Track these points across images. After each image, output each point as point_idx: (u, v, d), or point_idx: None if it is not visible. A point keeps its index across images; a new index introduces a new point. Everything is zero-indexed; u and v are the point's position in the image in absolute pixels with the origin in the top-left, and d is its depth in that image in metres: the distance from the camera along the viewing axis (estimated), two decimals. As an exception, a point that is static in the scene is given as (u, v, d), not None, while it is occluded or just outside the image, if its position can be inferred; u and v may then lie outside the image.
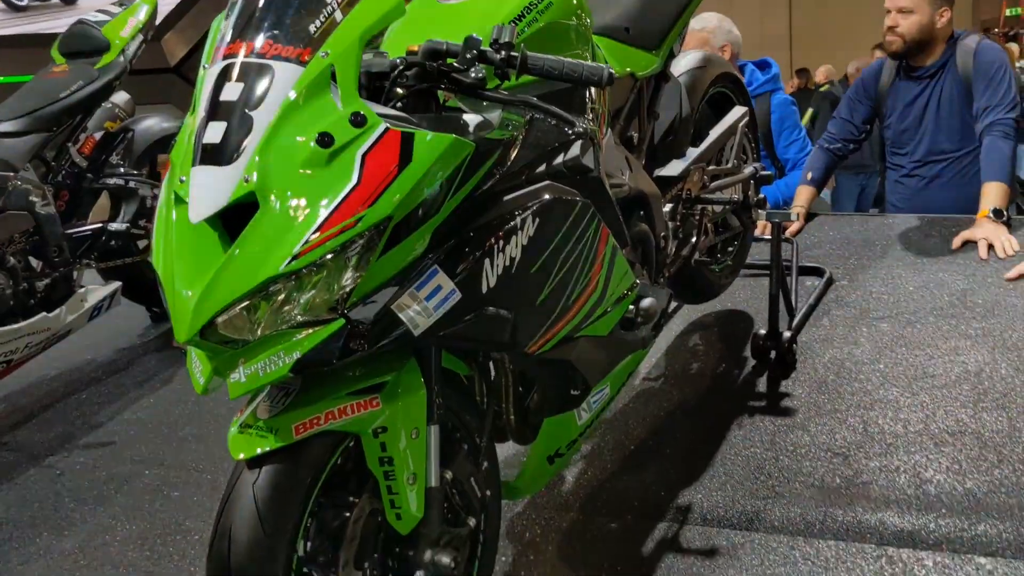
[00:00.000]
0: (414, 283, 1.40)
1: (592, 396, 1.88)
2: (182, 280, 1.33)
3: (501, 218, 1.50)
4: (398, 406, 1.47)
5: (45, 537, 2.45)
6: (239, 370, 1.35)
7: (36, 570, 2.29)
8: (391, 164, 1.32)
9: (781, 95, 3.78)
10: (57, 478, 2.75)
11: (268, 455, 1.40)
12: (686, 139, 2.45)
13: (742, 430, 2.40)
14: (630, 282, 1.83)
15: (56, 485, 2.72)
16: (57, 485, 2.72)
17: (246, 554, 1.36)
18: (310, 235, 1.28)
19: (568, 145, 1.66)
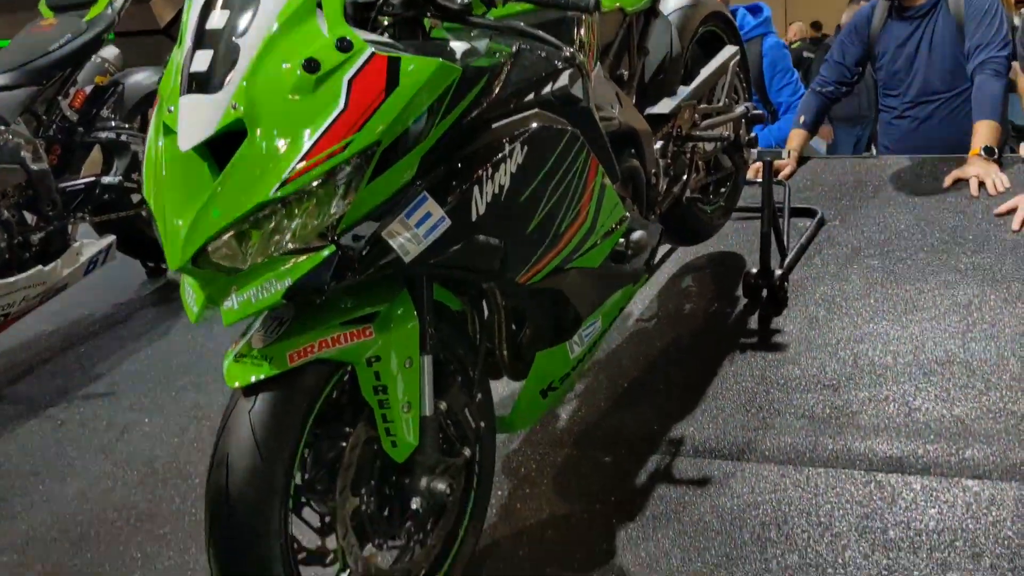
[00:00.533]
0: (404, 210, 1.40)
1: (584, 329, 1.90)
2: (173, 209, 1.35)
3: (490, 145, 1.50)
4: (391, 336, 1.48)
5: (48, 484, 2.48)
6: (232, 297, 1.36)
7: (40, 515, 2.33)
8: (378, 89, 1.32)
9: (773, 39, 3.77)
10: (58, 428, 2.78)
11: (263, 383, 1.41)
12: (676, 77, 2.44)
13: (734, 365, 2.42)
14: (620, 215, 1.84)
15: (57, 435, 2.75)
16: (58, 435, 2.75)
17: (244, 481, 1.38)
18: (298, 161, 1.29)
19: (557, 75, 1.67)
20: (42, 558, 2.14)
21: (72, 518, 2.29)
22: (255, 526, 1.38)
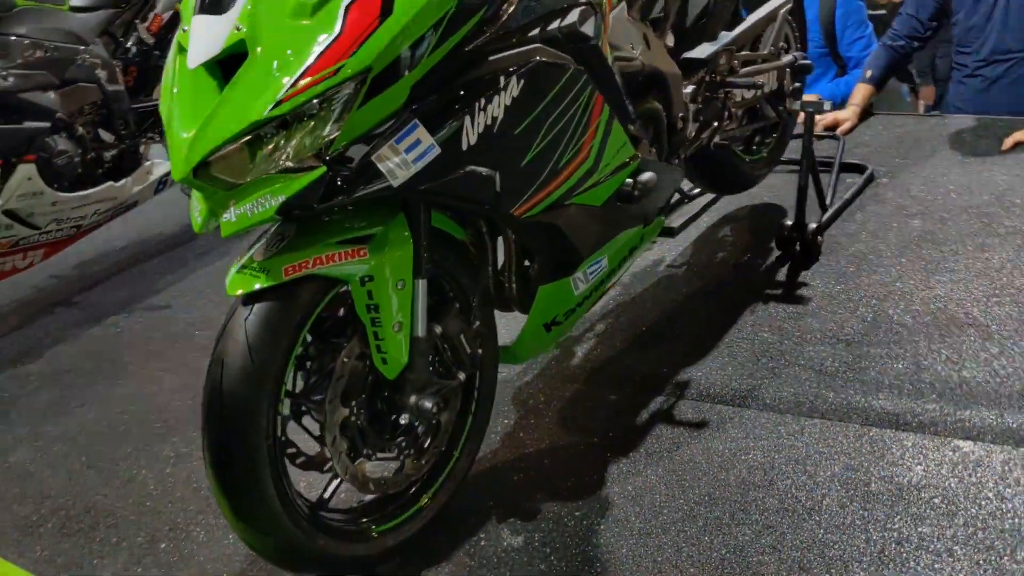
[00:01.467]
0: (394, 136, 1.46)
1: (588, 267, 1.95)
2: (180, 122, 1.44)
3: (485, 77, 1.55)
4: (384, 256, 1.56)
5: (102, 384, 2.67)
6: (230, 210, 1.46)
7: (91, 412, 2.52)
8: (372, 16, 1.39)
9: None
10: (117, 335, 2.98)
11: (260, 294, 1.51)
12: (720, 23, 2.43)
13: (754, 315, 2.44)
14: (628, 154, 1.87)
15: (116, 341, 2.94)
16: (117, 341, 2.94)
17: (235, 380, 1.49)
18: (292, 83, 1.37)
19: (567, 12, 1.70)
20: (86, 451, 2.33)
21: (118, 417, 2.47)
22: (243, 422, 1.50)
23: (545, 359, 2.41)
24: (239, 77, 1.40)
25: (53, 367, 2.89)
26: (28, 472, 2.30)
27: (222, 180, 1.44)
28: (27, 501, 2.16)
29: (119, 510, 2.07)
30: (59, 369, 2.87)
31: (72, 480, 2.22)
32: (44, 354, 2.99)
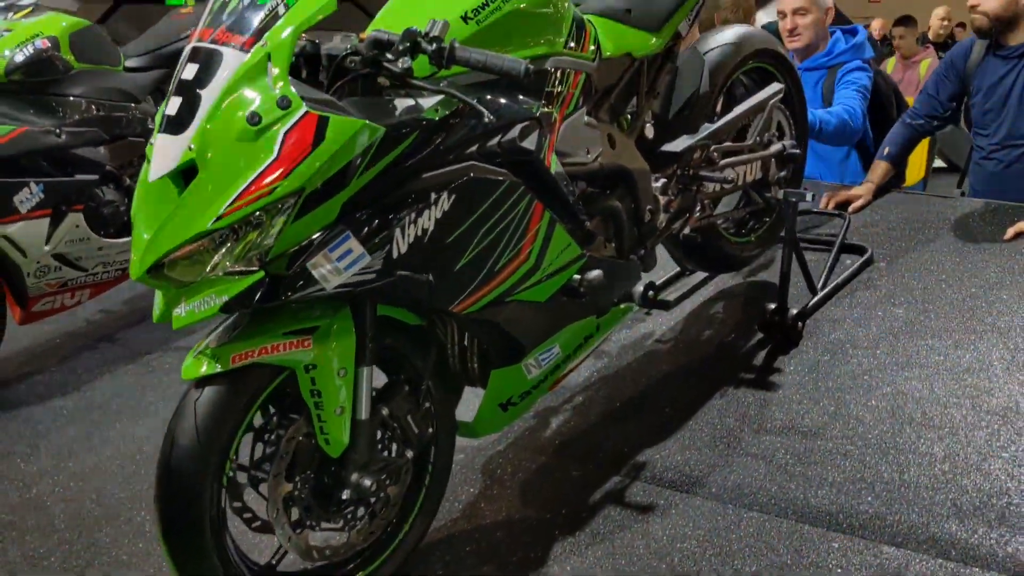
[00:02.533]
0: (327, 245, 1.64)
1: (539, 354, 2.08)
2: (141, 226, 1.63)
3: (416, 193, 1.72)
4: (327, 347, 1.74)
5: (124, 422, 2.90)
6: (181, 306, 1.64)
7: (109, 450, 2.74)
8: (306, 142, 1.57)
9: (856, 63, 3.67)
10: (148, 374, 3.21)
11: (211, 378, 1.69)
12: (702, 115, 2.54)
13: (724, 399, 2.53)
14: (574, 254, 2.01)
15: (145, 380, 3.18)
16: (146, 379, 3.18)
17: (182, 458, 1.67)
18: (233, 200, 1.56)
19: (509, 127, 1.85)
20: (98, 489, 2.54)
21: (132, 457, 2.68)
22: (188, 496, 1.67)
23: (521, 428, 2.54)
24: (190, 191, 1.59)
25: (85, 403, 3.13)
26: (44, 505, 2.52)
27: (174, 279, 1.63)
28: (38, 533, 2.38)
29: (114, 549, 2.27)
30: (90, 404, 3.11)
31: (80, 517, 2.43)
32: (80, 388, 3.25)
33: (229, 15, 1.65)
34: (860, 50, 3.70)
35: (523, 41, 1.96)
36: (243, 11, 1.65)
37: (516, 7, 1.93)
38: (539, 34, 1.99)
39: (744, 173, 2.64)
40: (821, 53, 3.73)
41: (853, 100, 3.53)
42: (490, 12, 1.90)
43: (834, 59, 3.72)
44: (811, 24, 3.69)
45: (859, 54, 3.69)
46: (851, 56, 3.68)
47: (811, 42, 3.72)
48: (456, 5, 1.90)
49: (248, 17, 1.64)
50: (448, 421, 2.08)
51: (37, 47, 3.24)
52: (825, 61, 3.73)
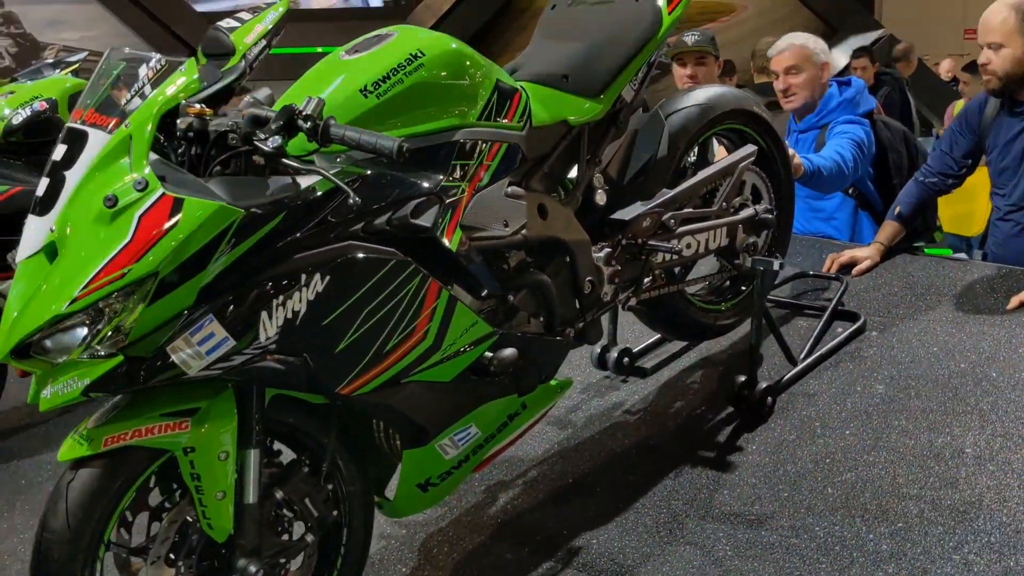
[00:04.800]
0: (188, 329, 1.61)
1: (454, 434, 2.01)
2: (12, 305, 1.62)
3: (285, 275, 1.68)
4: (206, 430, 1.70)
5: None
6: (48, 387, 1.63)
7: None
8: (160, 225, 1.55)
9: (849, 117, 3.48)
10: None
11: (86, 460, 1.67)
12: (659, 181, 2.44)
13: (676, 479, 2.40)
14: (482, 332, 1.93)
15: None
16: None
17: (52, 541, 1.65)
18: (86, 283, 1.54)
19: (402, 204, 1.80)
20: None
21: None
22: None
23: (469, 501, 2.46)
24: (50, 273, 1.57)
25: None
26: (3, 565, 2.55)
27: (41, 361, 1.61)
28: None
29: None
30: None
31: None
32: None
33: (99, 96, 1.66)
34: (853, 104, 3.51)
35: (428, 113, 1.91)
36: (112, 92, 1.65)
37: (419, 80, 1.89)
38: (448, 106, 1.94)
39: (706, 240, 2.52)
40: (812, 113, 3.56)
41: (843, 148, 3.34)
42: (391, 85, 1.86)
43: (824, 117, 3.54)
44: (805, 83, 3.52)
45: (852, 109, 3.50)
46: (843, 112, 3.49)
47: (807, 101, 3.55)
48: (359, 77, 1.87)
49: (115, 98, 1.64)
50: (362, 501, 2.01)
51: (35, 109, 3.34)
52: (816, 121, 3.56)
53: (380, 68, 1.88)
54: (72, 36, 11.93)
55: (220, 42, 2.46)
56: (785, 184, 2.83)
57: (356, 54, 1.97)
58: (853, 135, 3.38)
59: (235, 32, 3.63)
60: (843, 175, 3.35)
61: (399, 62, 1.89)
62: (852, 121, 3.45)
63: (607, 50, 2.29)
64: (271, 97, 4.31)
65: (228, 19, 3.77)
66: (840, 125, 3.44)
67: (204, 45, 4.22)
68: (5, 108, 3.37)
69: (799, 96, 3.54)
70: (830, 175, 3.27)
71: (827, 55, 3.60)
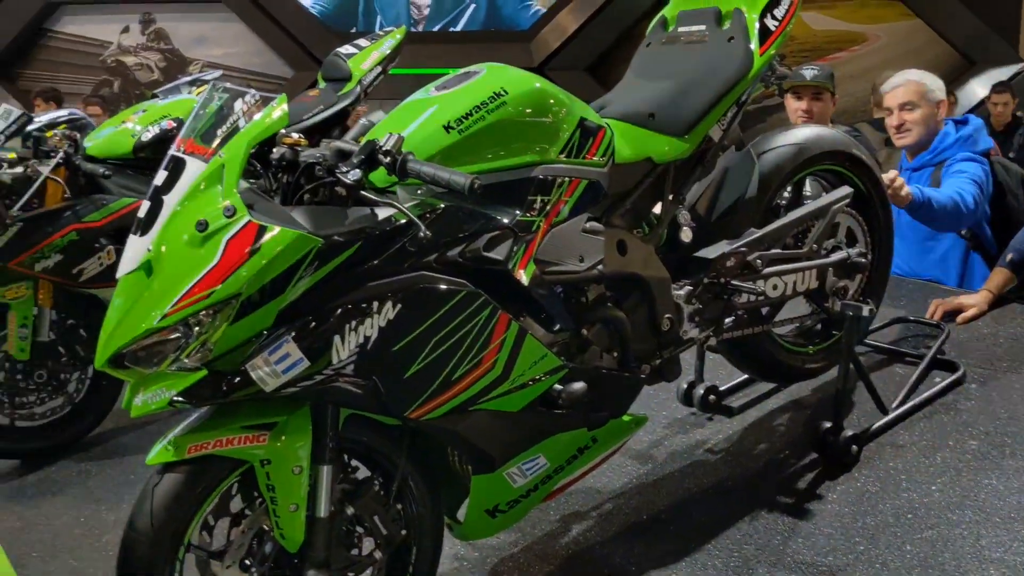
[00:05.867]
0: (267, 348, 1.72)
1: (522, 464, 2.05)
2: (110, 318, 1.76)
3: (359, 301, 1.76)
4: (282, 444, 1.81)
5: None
6: (139, 396, 1.76)
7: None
8: (244, 250, 1.66)
9: (965, 154, 3.35)
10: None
11: (173, 464, 1.79)
12: (748, 221, 2.43)
13: (751, 524, 2.37)
14: (551, 365, 1.97)
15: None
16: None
17: (137, 541, 1.78)
18: (177, 300, 1.66)
19: (476, 236, 1.86)
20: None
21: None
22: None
23: (542, 529, 2.49)
24: (146, 289, 1.70)
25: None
26: (109, 556, 2.69)
27: (135, 370, 1.74)
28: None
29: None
30: (179, 460, 3.33)
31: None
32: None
33: (199, 127, 1.78)
34: (970, 143, 3.39)
35: (508, 150, 1.96)
36: (210, 124, 1.77)
37: (500, 117, 1.95)
38: (528, 143, 1.99)
39: (794, 282, 2.49)
40: (927, 151, 3.46)
41: (963, 186, 3.23)
42: (473, 122, 1.93)
43: (939, 155, 3.43)
44: (920, 120, 3.43)
45: (969, 147, 3.38)
46: (959, 149, 3.37)
47: (921, 139, 3.46)
48: (443, 114, 1.94)
49: (212, 130, 1.76)
50: (431, 522, 2.07)
51: (163, 127, 3.56)
52: (930, 159, 3.46)
53: (464, 105, 1.95)
54: (216, 52, 12.61)
55: (338, 67, 2.59)
56: (882, 229, 2.76)
57: (444, 90, 2.04)
58: (973, 174, 3.28)
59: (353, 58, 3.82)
60: (959, 213, 3.25)
61: (482, 100, 1.96)
62: (971, 159, 3.34)
63: (695, 90, 2.30)
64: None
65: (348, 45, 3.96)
66: (958, 163, 3.34)
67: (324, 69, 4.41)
68: (137, 125, 3.60)
69: (913, 133, 3.45)
70: (943, 210, 3.17)
71: (943, 93, 3.50)
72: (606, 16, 10.95)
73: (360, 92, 4.16)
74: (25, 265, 3.27)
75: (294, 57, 12.11)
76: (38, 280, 3.34)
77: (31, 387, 3.46)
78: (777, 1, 2.39)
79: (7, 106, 3.40)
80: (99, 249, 3.35)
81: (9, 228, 3.23)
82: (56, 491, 3.21)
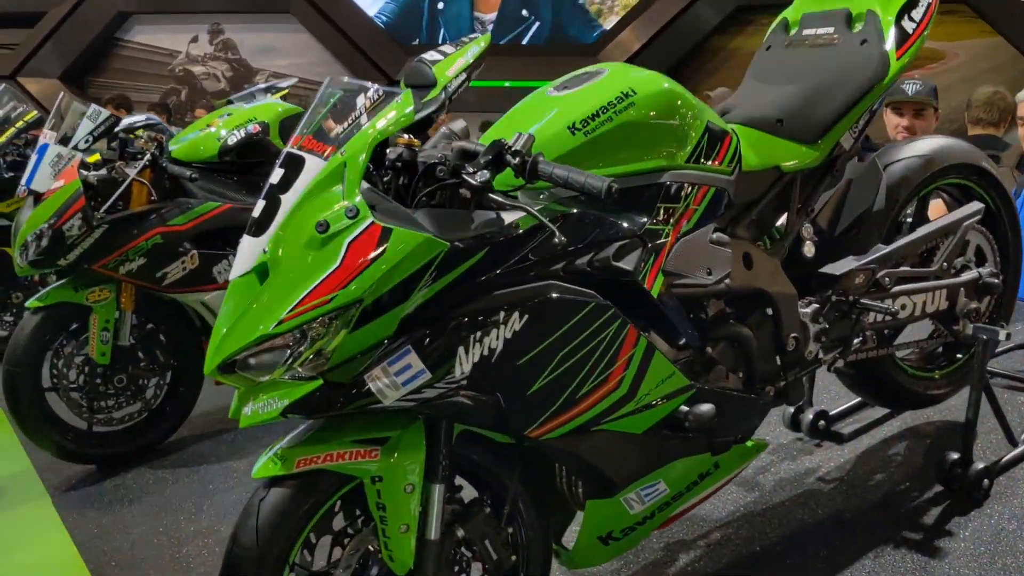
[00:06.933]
0: (386, 359, 1.60)
1: (640, 489, 1.91)
2: (220, 322, 1.65)
3: (484, 311, 1.64)
4: (395, 460, 1.68)
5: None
6: (249, 405, 1.65)
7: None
8: (368, 253, 1.54)
9: None
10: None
11: (279, 479, 1.68)
12: (875, 236, 2.28)
13: (876, 561, 2.21)
14: (678, 385, 1.83)
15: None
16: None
17: (241, 556, 1.66)
18: (295, 305, 1.54)
19: (605, 245, 1.73)
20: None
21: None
22: None
23: (647, 558, 2.35)
24: (260, 294, 1.59)
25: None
26: (188, 567, 2.63)
27: (245, 378, 1.63)
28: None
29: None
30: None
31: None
32: (255, 454, 3.36)
33: (317, 124, 1.67)
34: None
35: (636, 154, 1.84)
36: (328, 119, 1.66)
37: (628, 119, 1.83)
38: (657, 147, 1.86)
39: (924, 303, 2.33)
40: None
41: None
42: (600, 123, 1.81)
43: None
44: None
45: None
46: None
47: None
48: (568, 115, 1.83)
49: (332, 127, 1.65)
50: (541, 547, 1.94)
51: (249, 131, 3.50)
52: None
53: (590, 106, 1.83)
54: (282, 63, 12.71)
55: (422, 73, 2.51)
56: (1012, 246, 2.59)
57: (565, 91, 1.93)
58: None
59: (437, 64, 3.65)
60: None
61: (609, 100, 1.84)
62: None
63: (827, 95, 2.16)
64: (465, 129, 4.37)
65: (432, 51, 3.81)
66: None
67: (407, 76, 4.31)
68: (222, 129, 3.54)
69: None
70: None
71: None
72: (671, 34, 10.84)
73: (445, 99, 4.09)
74: (109, 268, 3.23)
75: (358, 67, 12.14)
76: (121, 283, 3.30)
77: (110, 391, 3.41)
78: (915, 2, 2.24)
79: (96, 106, 3.36)
80: (183, 254, 3.30)
81: (95, 230, 3.18)
82: (133, 499, 3.15)
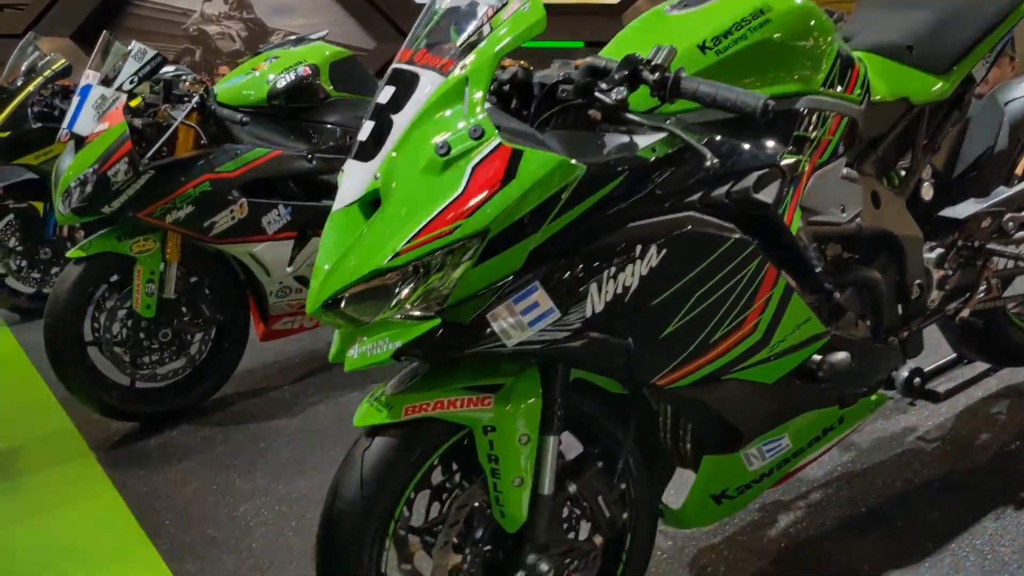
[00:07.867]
0: (512, 296, 1.43)
1: (763, 443, 1.77)
2: (324, 257, 1.48)
3: (621, 244, 1.48)
4: (510, 409, 1.52)
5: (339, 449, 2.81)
6: (355, 347, 1.48)
7: (317, 477, 2.72)
8: (496, 179, 1.37)
9: None
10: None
11: (383, 427, 1.52)
12: (996, 178, 2.13)
13: (997, 522, 2.08)
14: (815, 331, 1.68)
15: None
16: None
17: (344, 511, 1.51)
18: (412, 236, 1.37)
19: (743, 174, 1.57)
20: (298, 516, 2.50)
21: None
22: (347, 553, 1.51)
23: (741, 520, 2.22)
24: (371, 224, 1.43)
25: (307, 425, 3.16)
26: (248, 527, 2.51)
27: (351, 317, 1.48)
28: (235, 556, 2.36)
29: (300, 585, 2.19)
30: (311, 427, 3.13)
31: (277, 543, 2.38)
32: (305, 410, 3.29)
33: (431, 35, 1.50)
34: None
35: (771, 76, 1.68)
36: (446, 31, 1.49)
37: (765, 37, 1.66)
38: (792, 69, 1.70)
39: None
40: None
41: None
42: (733, 41, 1.64)
43: None
44: None
45: None
46: None
47: None
48: (694, 33, 1.66)
49: (450, 37, 1.47)
50: (649, 506, 1.80)
51: (299, 74, 3.33)
52: None
53: (721, 23, 1.66)
54: (297, 23, 12.47)
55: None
56: None
57: (685, 9, 1.76)
58: None
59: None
60: None
61: (743, 17, 1.67)
62: None
63: (961, 20, 1.99)
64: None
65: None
66: None
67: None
68: (270, 73, 3.38)
69: None
70: None
71: None
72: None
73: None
74: (156, 216, 3.07)
75: (377, 28, 11.92)
76: (166, 233, 3.14)
77: (154, 346, 3.27)
78: None
79: (140, 44, 3.18)
80: (232, 202, 3.15)
81: (141, 176, 3.03)
82: (182, 456, 3.02)
